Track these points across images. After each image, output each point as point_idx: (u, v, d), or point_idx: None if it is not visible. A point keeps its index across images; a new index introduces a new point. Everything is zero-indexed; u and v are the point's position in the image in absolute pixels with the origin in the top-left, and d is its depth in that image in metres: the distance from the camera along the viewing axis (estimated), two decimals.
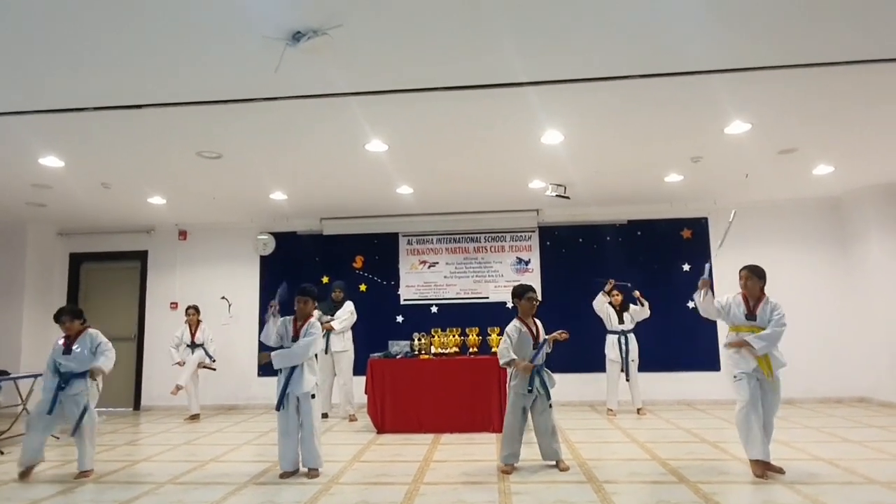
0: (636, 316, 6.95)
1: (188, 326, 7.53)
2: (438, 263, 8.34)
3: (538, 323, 4.59)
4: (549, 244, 8.25)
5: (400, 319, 8.19)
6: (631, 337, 6.92)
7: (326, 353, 6.81)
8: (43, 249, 8.51)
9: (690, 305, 7.70)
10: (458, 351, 6.34)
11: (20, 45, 3.38)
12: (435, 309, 8.22)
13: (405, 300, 8.29)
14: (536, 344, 4.44)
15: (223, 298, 8.33)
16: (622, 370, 6.86)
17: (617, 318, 6.95)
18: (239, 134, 4.98)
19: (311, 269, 8.23)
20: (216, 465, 4.83)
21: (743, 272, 4.26)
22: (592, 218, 8.14)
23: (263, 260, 8.51)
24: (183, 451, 5.45)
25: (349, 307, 7.06)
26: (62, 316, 4.64)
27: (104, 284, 8.83)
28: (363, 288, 8.29)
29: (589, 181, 6.70)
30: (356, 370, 6.99)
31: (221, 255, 8.58)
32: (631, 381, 6.88)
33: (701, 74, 3.96)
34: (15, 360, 7.83)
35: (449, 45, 3.51)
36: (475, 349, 6.35)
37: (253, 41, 3.37)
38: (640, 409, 6.89)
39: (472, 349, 6.35)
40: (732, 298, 4.28)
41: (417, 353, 6.36)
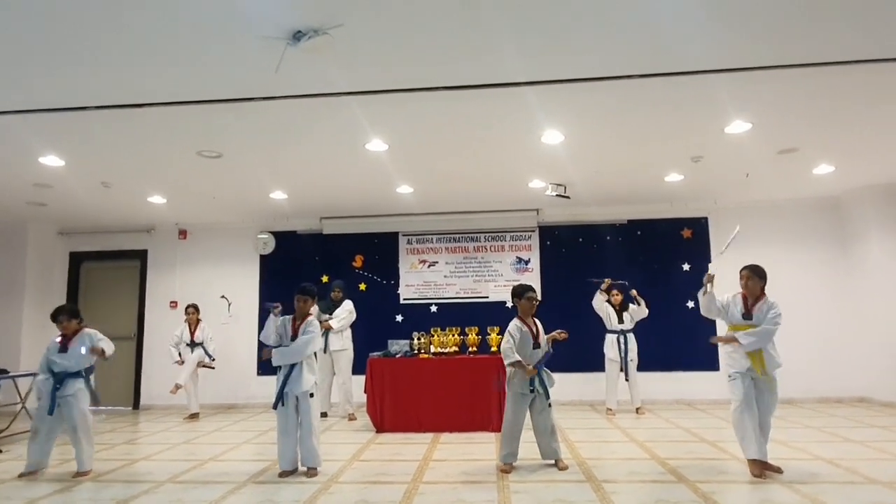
0: (635, 315, 6.95)
1: (188, 325, 7.54)
2: (438, 263, 8.34)
3: (538, 322, 4.59)
4: (548, 244, 8.25)
5: (399, 319, 8.19)
6: (630, 336, 6.92)
7: (325, 352, 6.81)
8: (43, 248, 8.52)
9: (690, 305, 7.72)
10: (457, 350, 6.34)
11: (20, 44, 3.38)
12: (434, 308, 8.22)
13: (405, 299, 8.29)
14: (536, 343, 4.45)
15: (223, 297, 8.33)
16: (621, 370, 6.86)
17: (616, 317, 6.95)
18: (239, 133, 4.99)
19: (310, 268, 8.23)
20: (215, 463, 4.84)
21: (744, 272, 4.27)
22: (592, 217, 8.14)
23: (263, 259, 8.52)
24: (182, 449, 5.45)
25: (348, 306, 7.07)
26: (60, 315, 4.63)
27: (104, 283, 8.84)
28: (363, 287, 8.29)
29: (589, 181, 6.70)
30: (356, 369, 7.00)
31: (221, 254, 8.58)
32: (630, 380, 6.88)
33: (701, 74, 3.96)
34: (14, 358, 7.84)
35: (449, 45, 3.51)
36: (475, 348, 6.35)
37: (253, 41, 3.37)
38: (639, 408, 6.89)
39: (471, 348, 6.35)
40: (732, 298, 4.29)
41: (417, 352, 6.36)
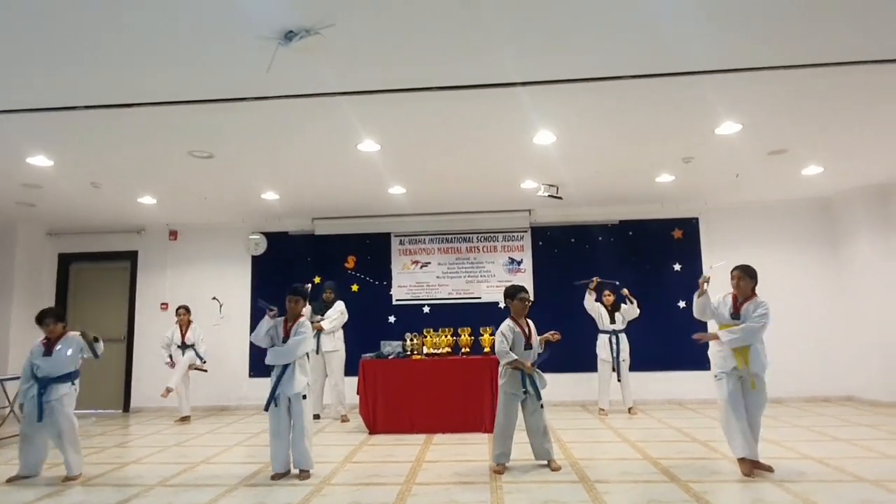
0: (627, 315, 6.97)
1: (179, 327, 7.48)
2: (431, 263, 8.33)
3: (530, 323, 4.60)
4: (541, 244, 8.26)
5: (392, 319, 8.18)
6: (622, 337, 6.94)
7: (317, 353, 6.79)
8: (32, 249, 8.43)
9: (681, 305, 7.76)
10: (450, 351, 6.34)
11: (8, 42, 3.34)
12: (427, 309, 8.21)
13: (397, 300, 8.28)
14: (528, 344, 4.45)
15: (214, 299, 8.29)
16: (613, 370, 6.89)
17: (608, 317, 6.97)
18: (231, 133, 4.96)
19: (302, 269, 8.20)
20: (207, 466, 4.80)
21: (735, 272, 4.29)
22: (584, 218, 8.17)
23: (255, 260, 8.48)
24: (173, 452, 5.41)
25: (339, 307, 7.05)
26: (46, 317, 4.57)
27: (94, 285, 8.76)
28: (355, 288, 8.26)
29: (581, 181, 6.72)
30: (348, 370, 6.98)
31: (212, 255, 8.53)
32: (622, 380, 6.90)
33: (692, 75, 3.98)
34: (2, 361, 7.76)
35: (441, 44, 3.51)
36: (467, 349, 6.35)
37: (245, 41, 3.35)
38: (631, 408, 6.91)
39: (464, 349, 6.35)
40: (722, 298, 4.32)
41: (409, 353, 6.35)
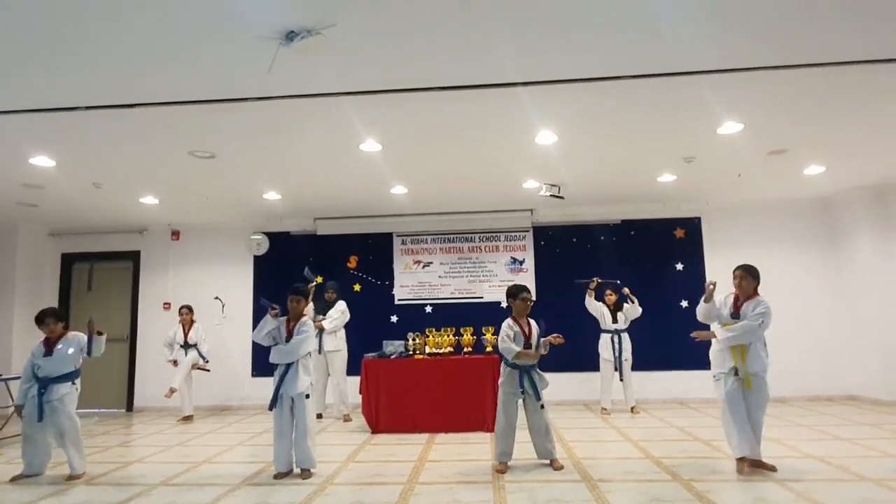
0: (629, 314, 6.97)
1: (181, 326, 7.49)
2: (433, 263, 8.34)
3: (532, 323, 4.60)
4: (543, 244, 8.27)
5: (394, 319, 8.18)
6: (624, 336, 6.94)
7: (319, 352, 6.80)
8: (34, 250, 8.45)
9: (684, 305, 7.75)
10: (452, 351, 6.33)
11: (9, 43, 3.35)
12: (429, 309, 8.22)
13: (399, 300, 8.29)
14: (528, 344, 4.44)
15: (216, 299, 8.30)
16: (616, 369, 6.89)
17: (611, 317, 6.97)
18: (232, 133, 4.97)
19: (304, 268, 8.19)
20: (209, 466, 4.82)
21: (737, 272, 4.29)
22: (586, 218, 8.16)
23: (257, 260, 8.49)
24: (176, 452, 5.42)
25: (341, 306, 7.05)
26: (46, 317, 4.58)
27: (96, 285, 8.77)
28: (357, 288, 8.27)
29: (583, 181, 6.72)
30: (350, 370, 6.99)
31: (215, 255, 8.55)
32: (624, 380, 6.90)
33: (693, 75, 3.98)
34: (6, 361, 7.78)
35: (442, 45, 3.51)
36: (469, 349, 6.35)
37: (246, 41, 3.36)
38: (633, 407, 6.91)
39: (466, 349, 6.35)
40: (724, 298, 4.32)
41: (412, 352, 6.35)
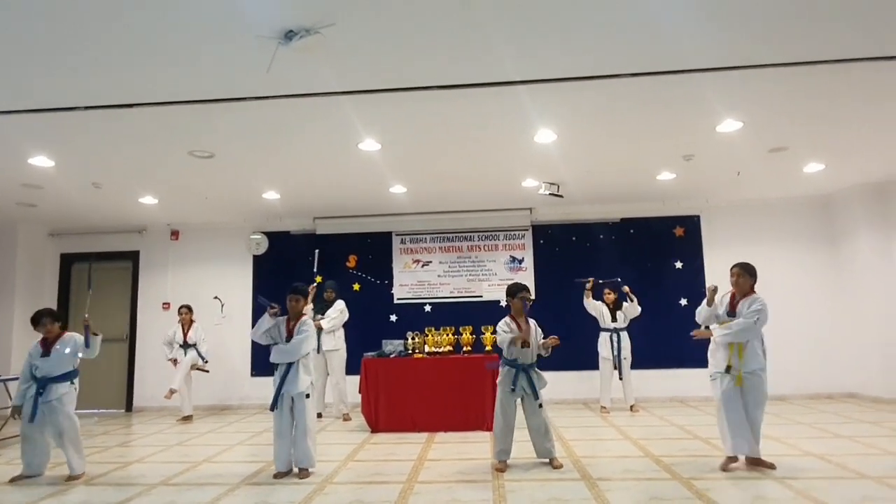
0: (628, 313, 6.97)
1: (181, 326, 7.49)
2: (432, 262, 8.34)
3: (531, 322, 4.59)
4: (542, 242, 8.26)
5: (394, 318, 8.18)
6: (623, 335, 6.94)
7: (318, 352, 6.79)
8: (34, 250, 8.45)
9: (683, 303, 7.76)
10: (451, 350, 6.34)
11: (8, 43, 3.35)
12: (428, 308, 8.22)
13: (399, 299, 8.29)
14: (527, 343, 4.44)
15: (216, 298, 8.30)
16: (615, 368, 6.89)
17: (610, 316, 6.97)
18: (231, 133, 4.96)
19: (304, 268, 8.18)
20: (209, 465, 4.82)
21: (734, 269, 4.29)
22: (585, 216, 8.16)
23: (256, 259, 8.49)
24: (176, 452, 5.42)
25: (339, 306, 7.05)
26: (42, 318, 4.58)
27: (96, 284, 8.73)
28: (357, 287, 8.27)
29: (582, 180, 6.71)
30: (350, 369, 6.99)
31: (214, 254, 8.54)
32: (624, 378, 6.91)
33: (693, 73, 3.98)
34: (5, 361, 7.78)
35: (441, 43, 3.51)
36: (469, 348, 6.35)
37: (245, 41, 3.35)
38: (633, 406, 6.92)
39: (465, 348, 6.35)
40: (721, 298, 4.33)
41: (411, 351, 6.36)
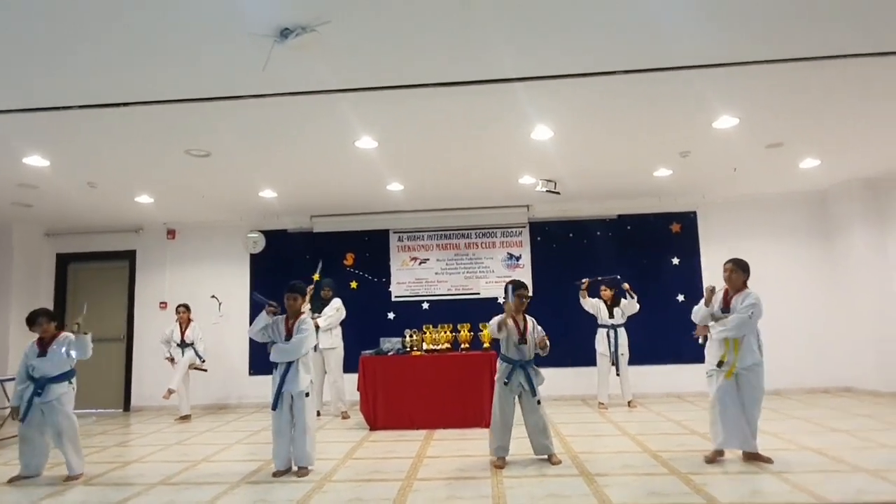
0: (627, 310, 6.98)
1: (178, 325, 7.48)
2: (429, 260, 8.34)
3: (528, 319, 4.61)
4: (539, 239, 8.27)
5: (391, 316, 8.19)
6: (621, 331, 6.96)
7: (315, 350, 6.78)
8: (29, 250, 8.41)
9: (680, 299, 7.78)
10: (449, 347, 6.35)
11: (8, 43, 3.33)
12: (426, 305, 8.22)
13: (396, 297, 8.29)
14: (522, 339, 4.46)
15: (213, 297, 8.28)
16: (612, 364, 6.91)
17: (607, 312, 6.99)
18: (227, 132, 4.95)
19: (301, 266, 8.16)
20: (208, 464, 4.82)
21: (727, 265, 4.32)
22: (582, 213, 8.17)
23: (254, 258, 8.47)
24: (174, 451, 5.42)
25: (336, 304, 7.03)
26: (38, 318, 4.57)
27: (92, 285, 8.74)
28: (354, 285, 8.27)
29: (579, 176, 6.72)
30: (348, 367, 6.98)
31: (211, 253, 8.52)
32: (621, 374, 6.92)
33: (689, 69, 3.98)
34: (2, 362, 7.76)
35: (438, 41, 3.51)
36: (466, 345, 6.36)
37: (241, 38, 3.35)
38: (630, 402, 6.94)
39: (463, 345, 6.36)
40: (715, 296, 4.36)
41: (409, 349, 6.36)
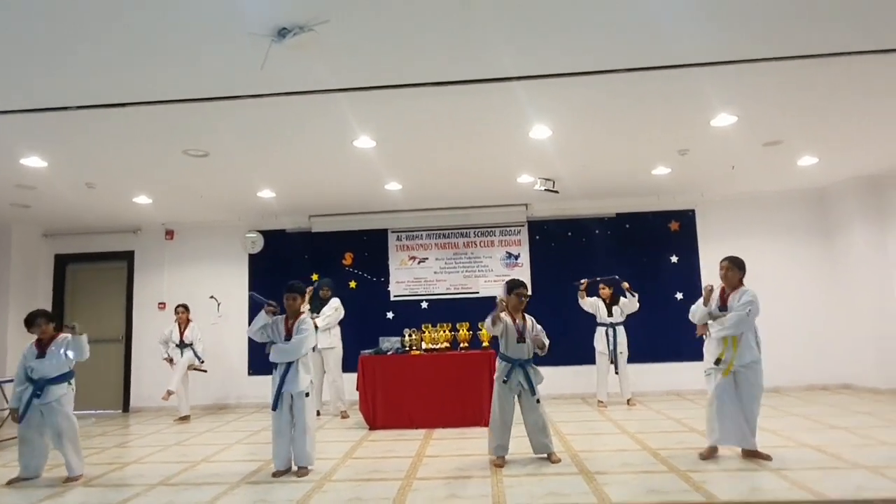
0: (626, 309, 6.98)
1: (177, 325, 7.47)
2: (428, 259, 8.34)
3: (527, 318, 4.61)
4: (538, 238, 8.27)
5: (390, 315, 8.18)
6: (620, 329, 6.96)
7: (314, 349, 6.77)
8: (28, 251, 8.40)
9: (679, 297, 7.79)
10: (448, 346, 6.35)
11: (8, 43, 3.31)
12: (425, 304, 8.22)
13: (395, 296, 8.29)
14: (521, 338, 4.47)
15: (212, 298, 8.27)
16: (611, 362, 6.92)
17: (606, 310, 7.00)
18: (226, 131, 4.94)
19: (300, 266, 8.19)
20: (208, 465, 4.82)
21: (724, 263, 4.32)
22: (581, 211, 8.18)
23: (252, 258, 8.46)
24: (174, 452, 5.42)
25: (334, 303, 7.03)
26: (37, 319, 4.57)
27: (90, 286, 8.73)
28: (353, 285, 8.27)
29: (577, 175, 6.72)
30: (347, 367, 6.98)
31: (209, 254, 8.51)
32: (620, 372, 6.93)
33: (687, 68, 3.98)
34: (0, 363, 7.74)
35: (438, 40, 3.50)
36: (465, 344, 6.37)
37: (239, 38, 3.34)
38: (629, 400, 6.95)
39: (462, 344, 6.36)
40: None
41: (408, 348, 6.37)
